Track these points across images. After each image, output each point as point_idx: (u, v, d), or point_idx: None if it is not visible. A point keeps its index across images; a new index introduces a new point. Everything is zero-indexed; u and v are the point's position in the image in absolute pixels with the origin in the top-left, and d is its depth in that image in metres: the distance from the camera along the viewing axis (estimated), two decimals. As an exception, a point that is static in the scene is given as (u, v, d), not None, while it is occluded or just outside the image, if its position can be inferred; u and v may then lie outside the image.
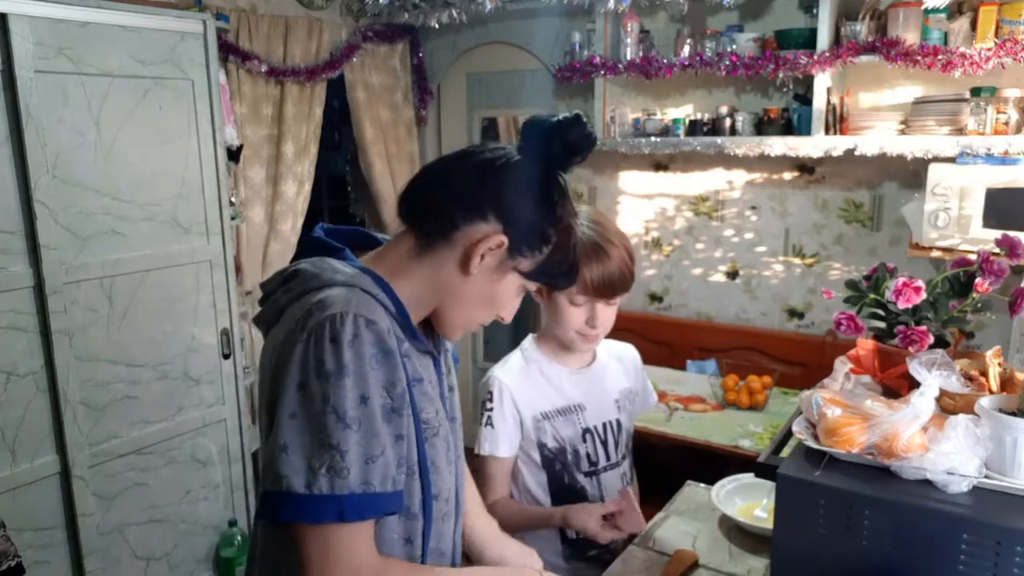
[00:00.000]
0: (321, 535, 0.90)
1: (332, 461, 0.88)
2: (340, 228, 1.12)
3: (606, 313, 1.49)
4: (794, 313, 3.24)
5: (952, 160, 2.52)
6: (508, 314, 1.09)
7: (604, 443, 1.61)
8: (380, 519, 0.97)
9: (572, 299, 1.46)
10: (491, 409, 1.52)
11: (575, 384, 1.59)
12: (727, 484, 1.73)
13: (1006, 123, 2.45)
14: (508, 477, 1.58)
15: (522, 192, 1.01)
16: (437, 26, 3.42)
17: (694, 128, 3.08)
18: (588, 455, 1.58)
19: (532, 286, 1.08)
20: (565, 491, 1.57)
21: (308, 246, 1.08)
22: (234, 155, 2.90)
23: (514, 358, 1.60)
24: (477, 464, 1.53)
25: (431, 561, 1.09)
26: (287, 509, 0.88)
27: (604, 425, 1.61)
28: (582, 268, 1.42)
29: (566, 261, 1.06)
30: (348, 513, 0.89)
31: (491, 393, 1.54)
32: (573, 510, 1.48)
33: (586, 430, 1.58)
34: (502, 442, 1.53)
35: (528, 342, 1.63)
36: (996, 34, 2.42)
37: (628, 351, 1.74)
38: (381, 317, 0.95)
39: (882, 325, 1.26)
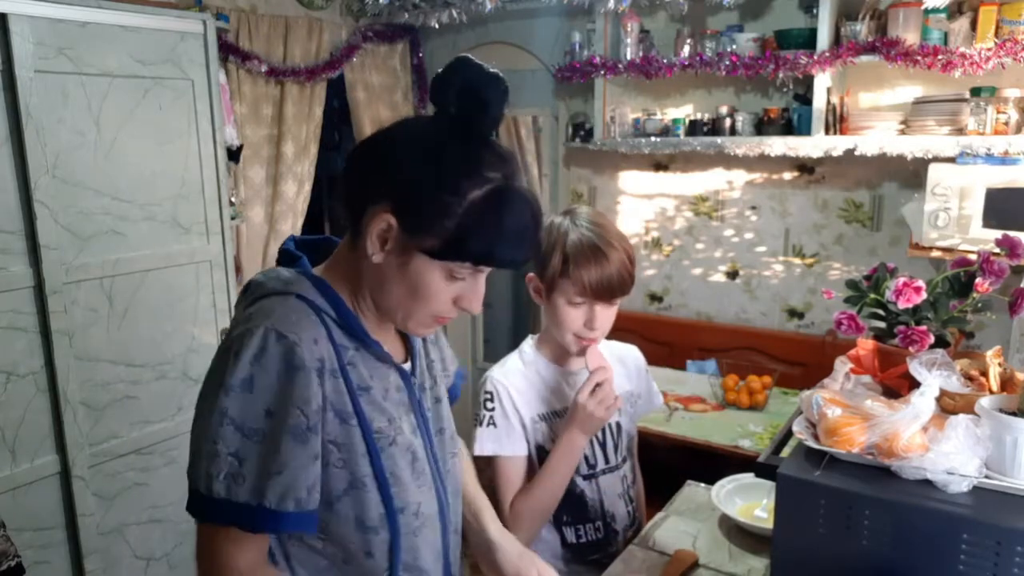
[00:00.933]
0: (207, 534, 0.95)
1: (230, 468, 0.90)
2: (309, 238, 1.11)
3: (605, 315, 1.48)
4: (794, 313, 3.24)
5: (952, 160, 2.52)
6: (447, 305, 0.99)
7: (603, 446, 1.60)
8: (331, 531, 0.99)
9: (570, 300, 1.45)
10: (492, 409, 1.51)
11: (574, 386, 1.57)
12: (727, 484, 1.73)
13: (1006, 123, 2.45)
14: (523, 476, 1.53)
15: (406, 165, 0.94)
16: (437, 26, 3.42)
17: (694, 128, 3.08)
18: (586, 458, 1.57)
19: (464, 269, 0.96)
20: (564, 494, 1.56)
21: (279, 258, 1.07)
22: (234, 155, 2.90)
23: (512, 360, 1.59)
24: (486, 466, 1.51)
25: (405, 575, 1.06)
26: (191, 505, 0.94)
27: (603, 428, 1.59)
28: (580, 270, 1.41)
29: (490, 232, 0.93)
30: (241, 520, 0.91)
31: (490, 393, 1.52)
32: (577, 420, 1.45)
33: None
34: (507, 440, 1.50)
35: (527, 344, 1.62)
36: (996, 34, 2.42)
37: (631, 352, 1.73)
38: (307, 327, 0.94)
39: (882, 325, 1.26)
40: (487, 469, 1.51)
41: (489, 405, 1.51)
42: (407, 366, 1.10)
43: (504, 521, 1.43)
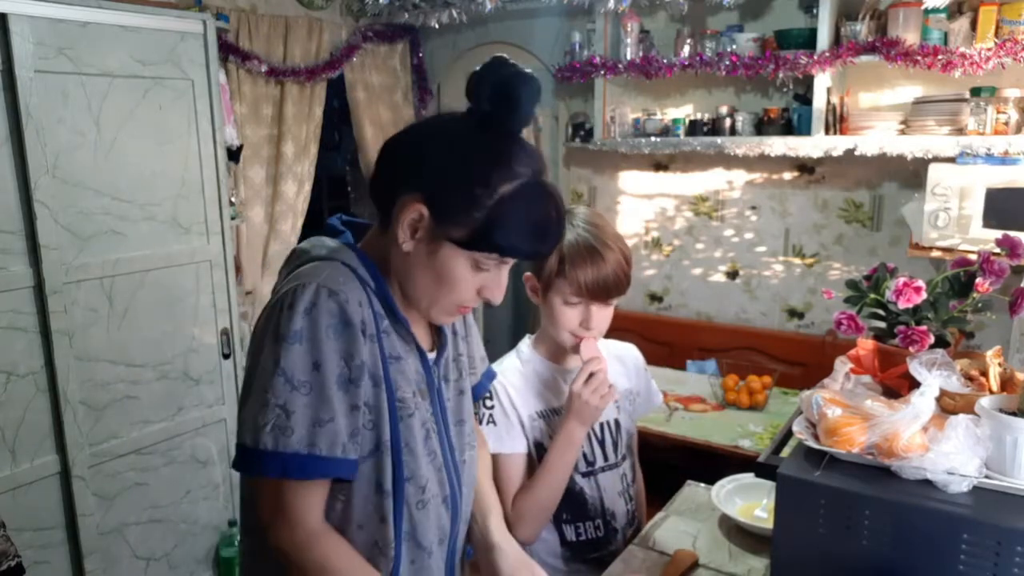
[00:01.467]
0: (268, 488, 0.98)
1: (277, 420, 0.93)
2: (354, 220, 1.15)
3: (601, 315, 1.48)
4: (794, 313, 3.24)
5: (952, 160, 2.52)
6: (471, 294, 1.03)
7: (602, 443, 1.60)
8: (352, 492, 1.02)
9: (566, 300, 1.45)
10: (492, 407, 1.51)
11: (570, 383, 1.58)
12: (727, 484, 1.73)
13: (1006, 123, 2.45)
14: (523, 473, 1.53)
15: (439, 157, 0.99)
16: (437, 26, 3.42)
17: (694, 128, 3.08)
18: (585, 455, 1.57)
19: (490, 260, 1.00)
20: (564, 492, 1.56)
21: (324, 231, 1.12)
22: (234, 155, 2.90)
23: (509, 359, 1.60)
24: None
25: (406, 547, 1.08)
26: (238, 460, 0.97)
27: (602, 425, 1.60)
28: (576, 269, 1.42)
29: (516, 225, 0.97)
30: (291, 471, 0.94)
31: (489, 391, 1.52)
32: (574, 412, 1.45)
33: None
34: (508, 437, 1.51)
35: (524, 343, 1.62)
36: (996, 34, 2.42)
37: (630, 351, 1.74)
38: (353, 289, 0.98)
39: (882, 325, 1.26)
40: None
41: (488, 403, 1.52)
42: (432, 355, 1.13)
43: (507, 519, 1.43)
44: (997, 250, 1.28)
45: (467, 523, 1.22)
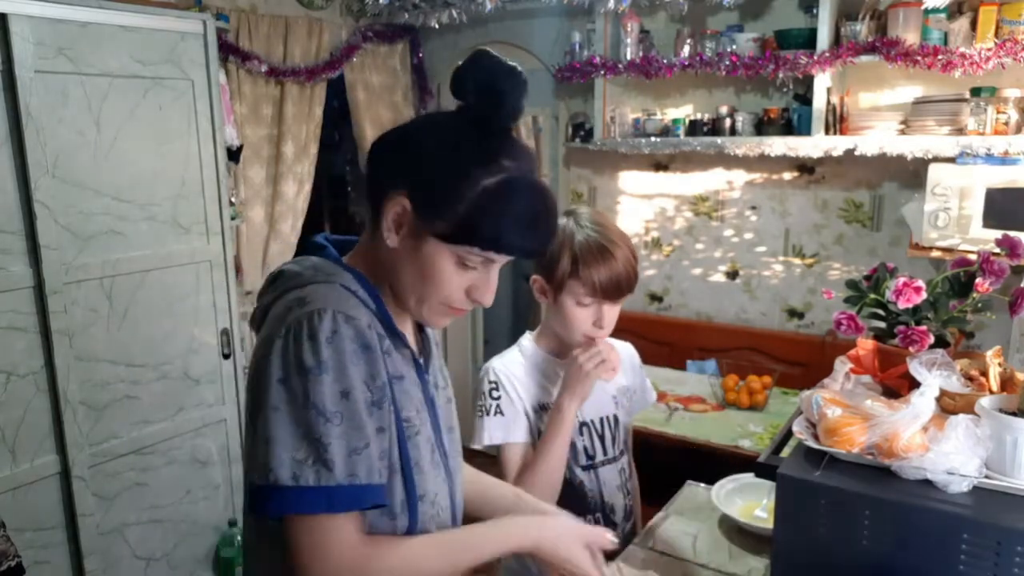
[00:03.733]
0: (311, 526, 0.92)
1: (316, 454, 0.90)
2: (340, 237, 1.13)
3: (612, 314, 1.50)
4: (794, 313, 3.24)
5: (952, 160, 2.52)
6: (459, 294, 1.01)
7: (601, 437, 1.61)
8: (364, 516, 0.98)
9: (579, 301, 1.47)
10: (498, 397, 1.52)
11: None
12: (727, 484, 1.73)
13: (1006, 123, 2.45)
14: (522, 462, 1.54)
15: (422, 152, 0.98)
16: (437, 26, 3.42)
17: (694, 128, 3.08)
18: (585, 449, 1.59)
19: (475, 257, 0.97)
20: (563, 486, 1.57)
21: (306, 249, 1.09)
22: (234, 155, 2.90)
23: (512, 352, 1.61)
24: (498, 455, 1.53)
25: None
26: (275, 502, 0.90)
27: (601, 420, 1.61)
28: (589, 270, 1.43)
29: (499, 220, 0.94)
30: (336, 504, 0.91)
31: (495, 382, 1.53)
32: (567, 386, 1.49)
33: (583, 423, 1.59)
34: (514, 427, 1.52)
35: (526, 339, 1.63)
36: (996, 34, 2.42)
37: (626, 349, 1.74)
38: (361, 313, 0.96)
39: (882, 325, 1.26)
40: (498, 457, 1.53)
41: (495, 394, 1.53)
42: (421, 361, 1.12)
43: None
44: (997, 250, 1.28)
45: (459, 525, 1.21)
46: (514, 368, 1.56)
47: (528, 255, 1.01)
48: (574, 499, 1.57)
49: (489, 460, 1.54)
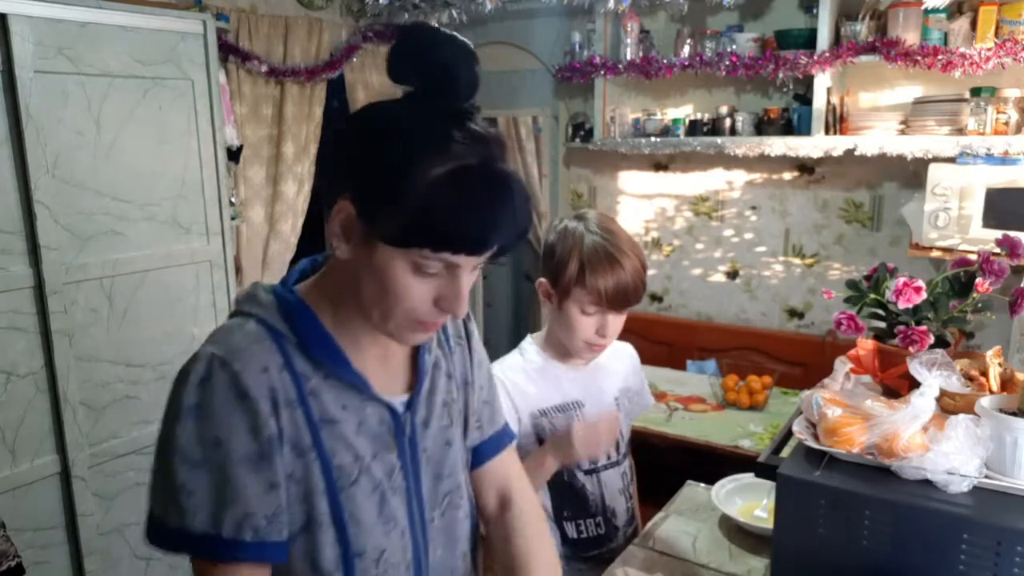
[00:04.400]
0: (200, 568, 0.89)
1: (180, 500, 0.85)
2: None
3: (616, 323, 1.48)
4: (794, 313, 3.24)
5: (952, 160, 2.52)
6: (425, 306, 0.88)
7: None
8: (288, 573, 0.92)
9: (584, 308, 1.45)
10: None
11: (573, 381, 1.58)
12: (727, 484, 1.73)
13: (1006, 123, 2.45)
14: None
15: (363, 147, 0.85)
16: (437, 26, 3.41)
17: (694, 128, 3.08)
18: None
19: (431, 260, 0.84)
20: (565, 489, 1.57)
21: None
22: (234, 155, 2.90)
23: (512, 356, 1.60)
24: None
25: None
26: (151, 534, 0.88)
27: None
28: (596, 278, 1.41)
29: (451, 215, 0.81)
30: (202, 552, 0.87)
31: None
32: (554, 445, 1.44)
33: None
34: None
35: (527, 343, 1.62)
36: (996, 34, 2.42)
37: (627, 351, 1.74)
38: (255, 355, 0.88)
39: (882, 325, 1.26)
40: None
41: None
42: (402, 398, 0.99)
43: None
44: (997, 250, 1.28)
45: None
46: (513, 374, 1.55)
47: (491, 253, 0.87)
48: (576, 503, 1.57)
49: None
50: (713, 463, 2.21)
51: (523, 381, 1.54)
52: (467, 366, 1.11)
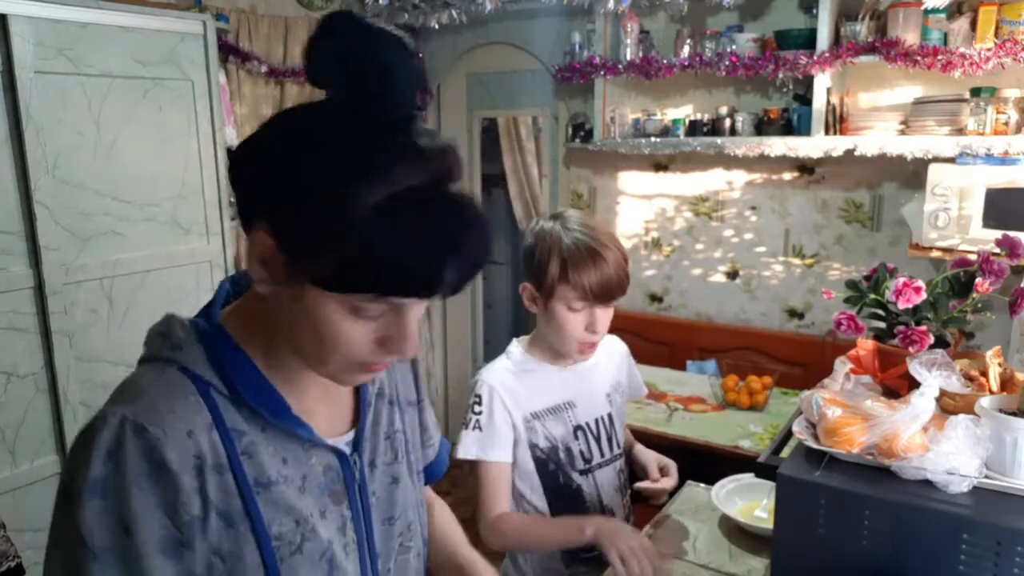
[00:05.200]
0: None
1: None
2: None
3: (605, 317, 1.47)
4: (794, 313, 3.24)
5: (952, 160, 2.52)
6: (368, 348, 0.75)
7: (597, 439, 1.60)
8: None
9: (570, 305, 1.44)
10: (479, 412, 1.48)
11: (563, 381, 1.57)
12: (727, 484, 1.73)
13: (1006, 123, 2.45)
14: (508, 488, 1.51)
15: (281, 167, 0.70)
16: (437, 26, 3.42)
17: (694, 128, 3.08)
18: (581, 452, 1.57)
19: (371, 304, 0.72)
20: (561, 491, 1.56)
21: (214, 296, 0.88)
22: (234, 155, 2.90)
23: (500, 361, 1.58)
24: (470, 470, 1.50)
25: None
26: None
27: (596, 421, 1.59)
28: (579, 274, 1.40)
29: (395, 253, 0.67)
30: None
31: (479, 396, 1.50)
32: (611, 530, 1.37)
33: (577, 427, 1.57)
34: (492, 445, 1.48)
35: (513, 346, 1.60)
36: (996, 34, 2.42)
37: (615, 343, 1.72)
38: (177, 416, 0.73)
39: (882, 325, 1.27)
40: (471, 473, 1.50)
41: (476, 408, 1.49)
42: (348, 437, 0.88)
43: (483, 528, 1.45)
44: (997, 250, 1.28)
45: None
46: (503, 378, 1.53)
47: (442, 294, 0.73)
48: (572, 504, 1.56)
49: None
50: (713, 463, 2.20)
51: (515, 386, 1.53)
52: (410, 382, 1.01)
